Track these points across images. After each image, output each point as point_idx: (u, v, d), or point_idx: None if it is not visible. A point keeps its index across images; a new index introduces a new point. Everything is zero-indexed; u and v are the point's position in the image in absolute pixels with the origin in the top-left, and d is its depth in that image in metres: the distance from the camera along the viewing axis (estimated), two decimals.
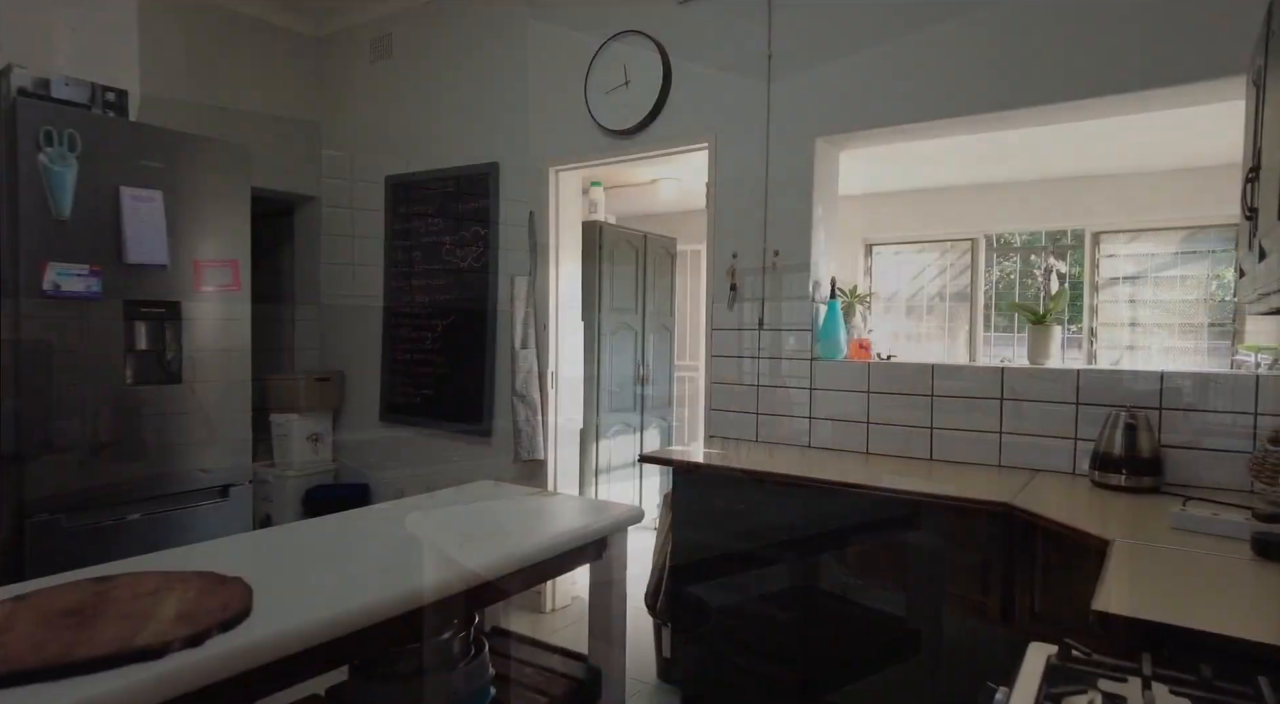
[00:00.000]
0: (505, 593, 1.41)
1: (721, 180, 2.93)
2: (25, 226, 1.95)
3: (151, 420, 2.23)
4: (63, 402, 2.04)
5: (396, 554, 1.34)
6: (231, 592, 1.10)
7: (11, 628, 0.96)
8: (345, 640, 1.11)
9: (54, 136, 1.98)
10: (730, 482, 2.35)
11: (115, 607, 1.04)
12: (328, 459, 4.12)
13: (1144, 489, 1.99)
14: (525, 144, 3.47)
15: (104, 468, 2.13)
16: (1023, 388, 2.33)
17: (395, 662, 1.41)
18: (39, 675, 0.86)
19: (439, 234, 3.75)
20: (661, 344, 4.85)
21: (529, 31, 3.46)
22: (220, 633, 0.98)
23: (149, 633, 0.95)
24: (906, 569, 2.03)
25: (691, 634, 2.44)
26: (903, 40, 2.51)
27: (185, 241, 2.27)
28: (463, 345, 3.68)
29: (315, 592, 1.14)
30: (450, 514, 1.64)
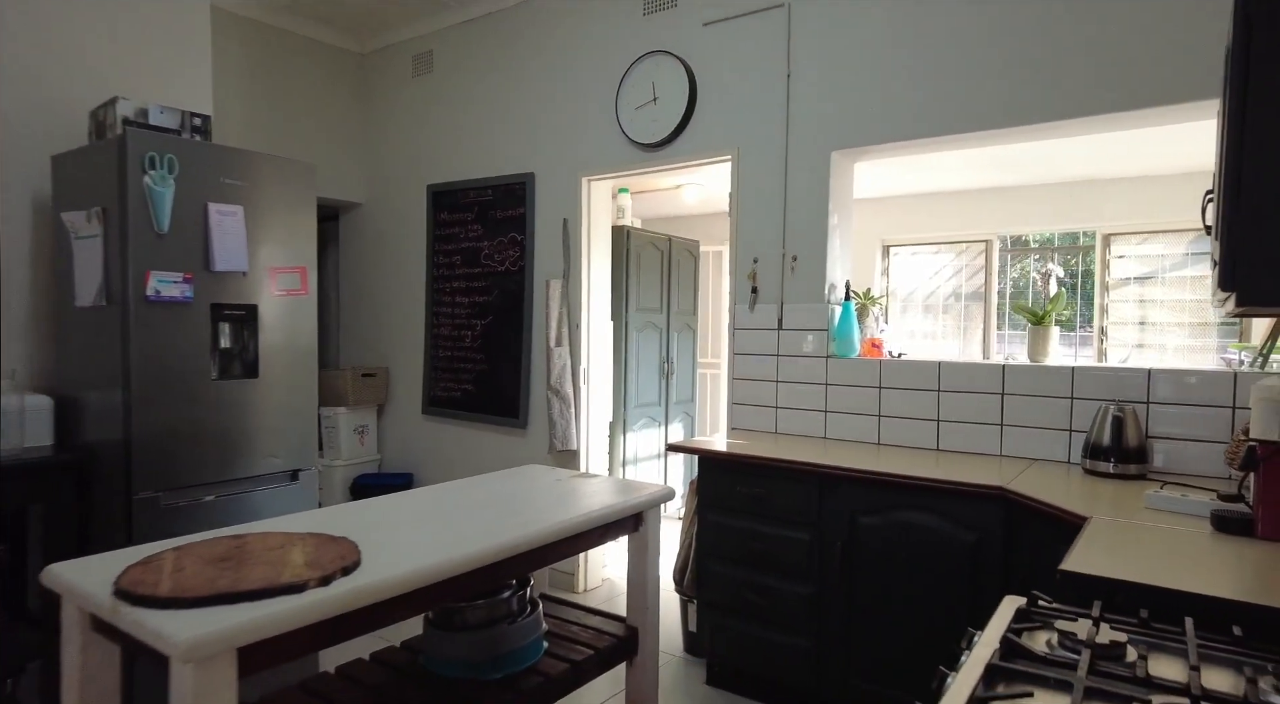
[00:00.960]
0: (559, 557, 1.65)
1: (743, 190, 3.15)
2: (132, 241, 2.23)
3: (232, 411, 2.49)
4: (161, 394, 2.31)
5: (466, 522, 1.58)
6: (344, 547, 1.35)
7: (182, 568, 1.21)
8: (430, 589, 1.35)
9: (156, 161, 2.25)
10: (751, 469, 2.57)
11: (254, 556, 1.29)
12: (373, 450, 4.40)
13: (1130, 476, 2.18)
14: (559, 155, 3.71)
15: (193, 452, 2.40)
16: (1022, 384, 2.52)
17: (463, 614, 1.65)
18: (215, 601, 1.11)
19: (478, 239, 4.00)
20: (684, 342, 5.07)
21: (563, 50, 3.69)
22: (342, 577, 1.23)
23: (289, 574, 1.20)
24: (911, 548, 2.24)
25: (715, 609, 2.66)
26: (912, 61, 2.71)
27: (261, 250, 2.53)
28: (500, 343, 3.93)
29: (405, 550, 1.38)
30: (509, 489, 1.88)
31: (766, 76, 3.05)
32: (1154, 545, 1.52)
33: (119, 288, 2.26)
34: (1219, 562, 1.42)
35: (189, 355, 2.37)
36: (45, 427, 2.44)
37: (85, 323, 2.42)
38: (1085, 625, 1.16)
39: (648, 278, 4.63)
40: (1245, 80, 1.20)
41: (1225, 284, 1.22)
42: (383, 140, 4.51)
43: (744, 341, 3.16)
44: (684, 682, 2.80)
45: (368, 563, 1.30)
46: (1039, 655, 1.05)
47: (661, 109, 3.30)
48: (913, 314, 5.87)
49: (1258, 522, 1.55)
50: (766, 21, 3.04)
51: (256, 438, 2.56)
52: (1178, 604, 1.25)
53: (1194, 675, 0.96)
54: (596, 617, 1.97)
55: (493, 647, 1.63)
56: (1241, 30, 1.20)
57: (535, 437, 3.83)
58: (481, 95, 4.03)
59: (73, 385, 2.52)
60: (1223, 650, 1.07)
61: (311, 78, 4.31)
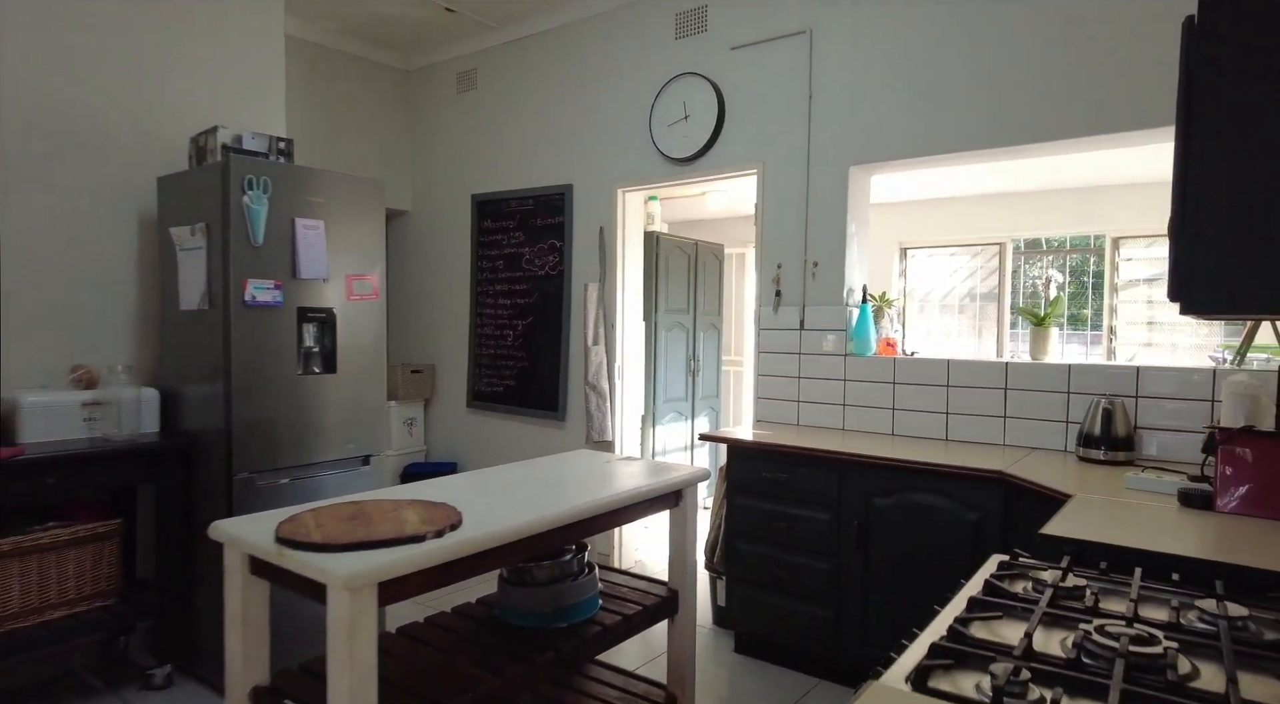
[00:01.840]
0: (614, 524, 1.94)
1: (768, 201, 3.42)
2: (233, 252, 2.55)
3: (313, 403, 2.81)
4: (255, 387, 2.63)
5: (537, 494, 1.87)
6: (446, 510, 1.64)
7: (322, 524, 1.52)
8: (515, 545, 1.64)
9: (254, 182, 2.57)
10: (777, 457, 2.85)
11: (376, 516, 1.59)
12: (420, 441, 4.73)
13: (1119, 462, 2.43)
14: (596, 168, 4.00)
15: (281, 439, 2.72)
16: (1023, 379, 2.77)
17: (533, 573, 1.95)
18: (357, 547, 1.41)
19: (520, 245, 4.31)
20: (710, 340, 5.35)
21: (600, 71, 3.98)
22: (450, 532, 1.52)
23: (410, 528, 1.49)
24: (920, 527, 2.50)
25: (743, 583, 2.94)
26: (923, 85, 2.97)
27: (339, 259, 2.85)
28: (541, 342, 4.24)
29: (493, 514, 1.67)
30: (567, 469, 2.17)
31: (790, 96, 3.32)
32: (1124, 517, 1.78)
33: (220, 293, 2.59)
34: (1175, 528, 1.68)
35: (278, 353, 2.69)
36: (153, 416, 2.78)
37: (188, 324, 2.75)
38: (1054, 574, 1.42)
39: (675, 280, 4.91)
40: (1188, 122, 1.45)
41: (1171, 295, 1.47)
42: (429, 152, 4.83)
43: (768, 341, 3.44)
44: (714, 651, 3.08)
45: (467, 523, 1.60)
46: (1012, 593, 1.32)
47: (692, 126, 3.58)
48: (929, 314, 6.10)
49: (1216, 497, 1.80)
50: (790, 46, 3.30)
51: (333, 427, 2.87)
52: (1132, 559, 1.51)
53: (1132, 606, 1.23)
54: (642, 581, 2.25)
55: (557, 600, 1.92)
56: (1184, 82, 1.46)
57: (573, 428, 4.12)
58: (523, 111, 4.33)
59: (174, 379, 2.85)
60: (1162, 592, 1.33)
61: (363, 94, 4.64)
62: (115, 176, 2.92)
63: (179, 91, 3.09)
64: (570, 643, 1.84)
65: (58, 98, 2.78)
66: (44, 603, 2.43)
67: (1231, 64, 1.38)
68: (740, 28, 3.45)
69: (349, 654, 1.33)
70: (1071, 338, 5.67)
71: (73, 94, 2.81)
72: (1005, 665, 0.99)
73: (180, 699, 2.63)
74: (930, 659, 1.04)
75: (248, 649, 1.60)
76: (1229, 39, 1.38)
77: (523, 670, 1.69)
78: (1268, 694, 0.97)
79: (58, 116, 2.78)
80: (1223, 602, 1.25)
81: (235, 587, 1.58)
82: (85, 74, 2.84)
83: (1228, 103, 1.39)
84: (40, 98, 2.74)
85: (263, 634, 1.62)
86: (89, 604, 2.54)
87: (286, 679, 1.64)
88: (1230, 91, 1.39)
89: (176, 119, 3.08)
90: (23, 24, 2.69)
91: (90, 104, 2.85)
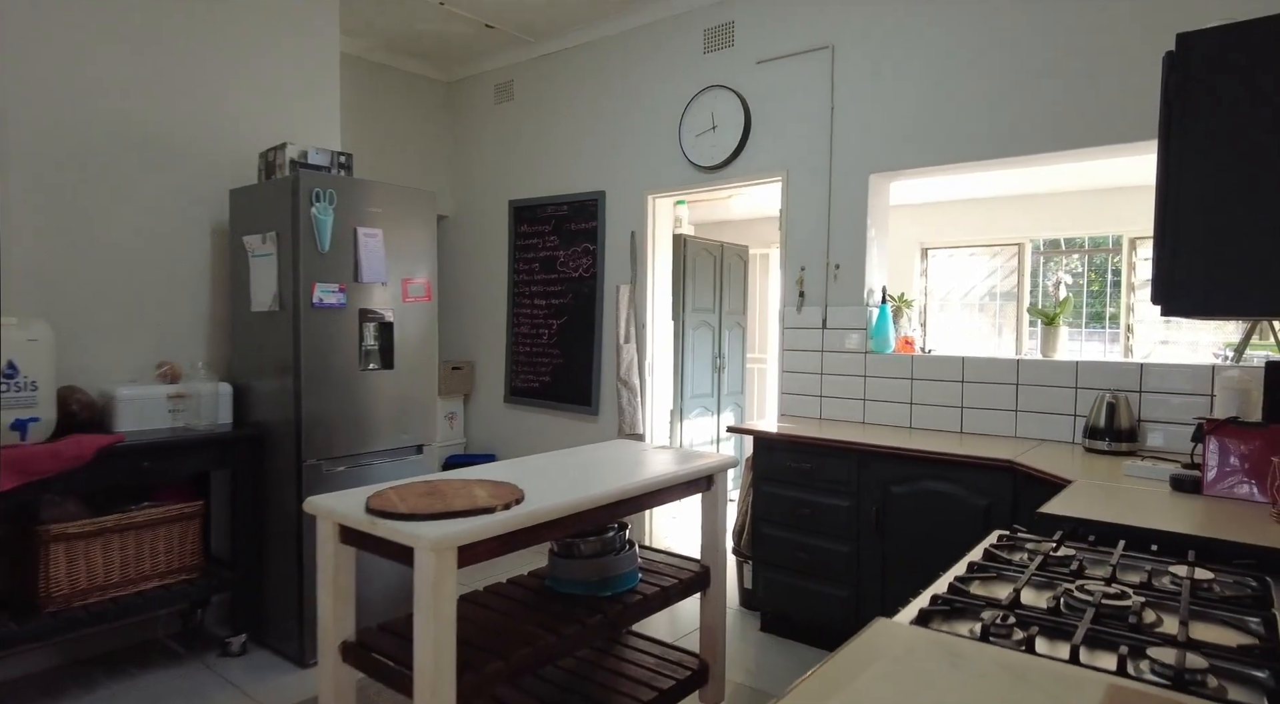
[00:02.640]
0: (654, 504, 2.15)
1: (792, 207, 3.61)
2: (302, 259, 2.80)
3: (372, 396, 3.06)
4: (322, 382, 2.88)
5: (585, 475, 2.09)
6: (510, 488, 1.87)
7: (405, 498, 1.75)
8: (571, 518, 1.86)
9: (320, 194, 2.82)
10: (800, 448, 3.05)
11: (449, 493, 1.82)
12: (460, 434, 4.98)
13: (1122, 453, 2.60)
14: (628, 176, 4.22)
15: (344, 429, 2.97)
16: (1034, 375, 2.94)
17: (580, 547, 2.17)
18: (438, 517, 1.64)
19: (555, 249, 4.54)
20: (735, 338, 5.54)
21: (632, 83, 4.20)
22: (516, 506, 1.75)
23: (482, 502, 1.72)
24: (933, 512, 2.69)
25: (768, 565, 3.15)
26: (939, 97, 3.14)
27: (396, 265, 3.09)
28: (574, 340, 4.46)
29: (550, 492, 1.89)
30: (609, 455, 2.39)
31: (813, 108, 3.51)
32: (1118, 499, 1.96)
33: (290, 296, 2.84)
34: (1162, 509, 1.86)
35: (342, 351, 2.94)
36: (227, 408, 3.04)
37: (259, 324, 3.01)
38: (1047, 546, 1.62)
39: (702, 281, 5.11)
40: (1168, 145, 1.64)
41: (1154, 298, 1.65)
42: (468, 160, 5.09)
43: (792, 339, 3.63)
44: (741, 630, 3.29)
45: (528, 499, 1.82)
46: (1008, 560, 1.52)
47: (720, 136, 3.78)
48: (950, 313, 6.24)
49: (1203, 482, 1.97)
50: (813, 61, 3.49)
51: (390, 418, 3.12)
52: (1117, 533, 1.70)
53: (1111, 570, 1.42)
54: (676, 558, 2.47)
55: (602, 571, 2.15)
56: (1164, 109, 1.64)
57: (605, 422, 4.35)
58: (558, 121, 4.56)
59: (244, 375, 3.12)
60: (1141, 560, 1.52)
61: (406, 106, 4.90)
62: (191, 190, 3.19)
63: (245, 110, 3.36)
64: (615, 608, 2.06)
65: (140, 120, 3.05)
66: (139, 574, 2.71)
67: (1203, 94, 1.56)
68: (766, 43, 3.64)
69: (433, 608, 1.56)
70: (1092, 336, 5.78)
71: (153, 115, 3.09)
72: (994, 613, 1.20)
73: (256, 665, 2.89)
74: (931, 607, 1.24)
75: (337, 609, 1.84)
76: (1201, 72, 1.56)
77: (575, 630, 1.92)
78: (1214, 636, 1.16)
79: (141, 137, 3.05)
80: (1193, 567, 1.44)
81: (327, 554, 1.82)
82: (162, 97, 3.11)
83: (1201, 129, 1.57)
84: (127, 120, 3.01)
85: (350, 596, 1.86)
86: (176, 577, 2.81)
87: (369, 636, 1.88)
88: (1203, 119, 1.56)
89: (243, 135, 3.35)
90: (112, 55, 2.97)
91: (167, 124, 3.13)
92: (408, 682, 1.65)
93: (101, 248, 2.96)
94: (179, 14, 3.14)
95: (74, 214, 2.89)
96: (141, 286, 3.07)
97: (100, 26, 2.93)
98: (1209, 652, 1.07)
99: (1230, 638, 1.15)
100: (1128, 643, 1.09)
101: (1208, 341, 5.14)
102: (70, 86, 2.87)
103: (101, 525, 2.61)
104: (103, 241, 2.96)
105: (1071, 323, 5.65)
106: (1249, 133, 1.52)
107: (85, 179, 2.92)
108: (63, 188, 2.86)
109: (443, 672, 1.58)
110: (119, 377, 2.98)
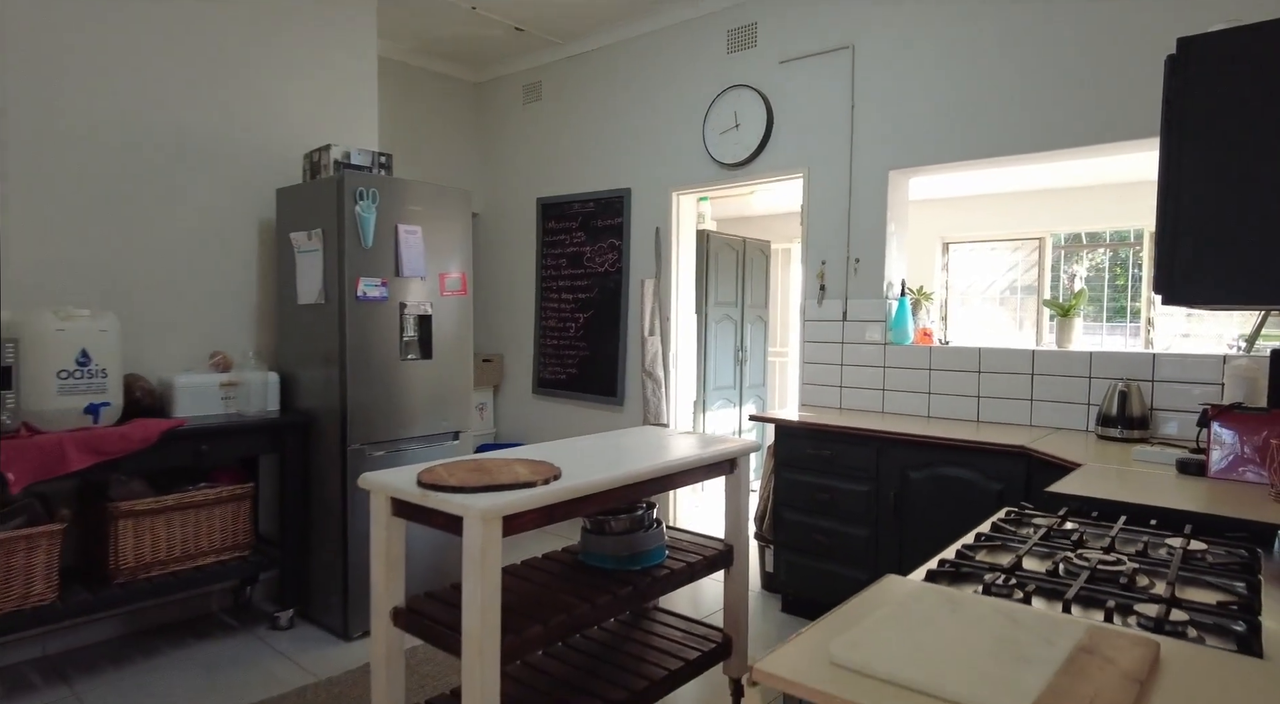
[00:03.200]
0: (682, 484, 2.28)
1: (813, 203, 3.71)
2: (347, 255, 2.97)
3: (413, 385, 3.22)
4: (366, 371, 3.05)
5: (617, 456, 2.22)
6: (548, 465, 2.01)
7: (453, 474, 1.90)
8: (604, 494, 2.00)
9: (364, 193, 2.98)
10: (821, 435, 3.16)
11: (492, 469, 1.97)
12: (490, 424, 5.15)
13: (1134, 440, 2.68)
14: (653, 173, 4.35)
15: (386, 415, 3.13)
16: (1049, 366, 3.03)
17: (611, 523, 2.31)
18: (486, 489, 1.78)
19: (581, 245, 4.68)
20: (757, 332, 5.65)
21: (657, 83, 4.32)
22: (555, 481, 1.89)
23: (524, 477, 1.86)
24: (949, 496, 2.79)
25: (789, 549, 3.26)
26: (956, 96, 3.23)
27: (434, 260, 3.25)
28: (600, 333, 4.60)
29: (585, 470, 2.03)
30: (638, 440, 2.52)
31: (833, 106, 3.61)
32: (1124, 481, 2.05)
33: (335, 290, 3.01)
34: (1165, 489, 1.95)
35: (384, 342, 3.10)
36: (275, 395, 3.22)
37: (305, 317, 3.18)
38: (1051, 521, 1.72)
39: (724, 275, 5.22)
40: (1168, 146, 1.73)
41: (1155, 288, 1.75)
42: (497, 159, 5.24)
43: (813, 331, 3.74)
44: (764, 611, 3.41)
45: (565, 476, 1.96)
46: (1013, 533, 1.63)
47: (742, 134, 3.89)
48: (971, 306, 6.29)
49: (1208, 465, 2.06)
50: (834, 60, 3.59)
51: (429, 406, 3.28)
52: (1119, 510, 1.80)
53: (1111, 541, 1.52)
54: (701, 537, 2.60)
55: (632, 547, 2.28)
56: (1165, 110, 1.73)
57: (630, 412, 4.48)
58: (584, 120, 4.69)
59: (290, 364, 3.29)
60: (1139, 533, 1.62)
61: (437, 106, 5.06)
62: (239, 190, 3.38)
63: (289, 113, 3.53)
64: (644, 581, 2.20)
65: (193, 125, 3.24)
66: (197, 550, 2.90)
67: (1202, 95, 1.66)
68: (788, 43, 3.74)
69: (481, 573, 1.71)
70: (1115, 330, 5.81)
71: (203, 121, 3.27)
72: (995, 575, 1.31)
73: (303, 637, 3.07)
74: (938, 569, 1.36)
75: (389, 577, 2.00)
76: (1200, 74, 1.66)
77: (607, 600, 2.06)
78: (1199, 596, 1.26)
79: (193, 141, 3.24)
80: (1188, 540, 1.54)
81: (380, 525, 1.97)
82: (213, 103, 3.29)
83: (1199, 129, 1.66)
84: (180, 127, 3.20)
85: (400, 566, 2.01)
86: (229, 554, 3.00)
87: (418, 602, 2.03)
88: (1201, 119, 1.66)
89: (287, 137, 3.52)
90: (168, 68, 3.15)
91: (219, 128, 3.31)
92: (456, 642, 1.79)
93: (159, 245, 3.15)
94: (228, 25, 3.32)
95: (135, 215, 3.08)
96: (195, 281, 3.26)
97: (158, 43, 3.12)
98: (1191, 607, 1.18)
99: (1216, 599, 1.25)
100: (1117, 600, 1.20)
101: (1233, 335, 5.16)
102: (133, 98, 3.06)
103: (164, 504, 2.80)
104: (160, 239, 3.15)
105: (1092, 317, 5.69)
106: (1245, 132, 1.62)
107: (145, 183, 3.11)
108: (125, 192, 3.05)
109: (489, 632, 1.73)
110: (175, 366, 3.17)
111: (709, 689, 2.73)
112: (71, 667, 2.78)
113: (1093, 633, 0.99)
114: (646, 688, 2.18)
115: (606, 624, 2.61)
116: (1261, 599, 1.25)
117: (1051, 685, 0.83)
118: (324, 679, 2.71)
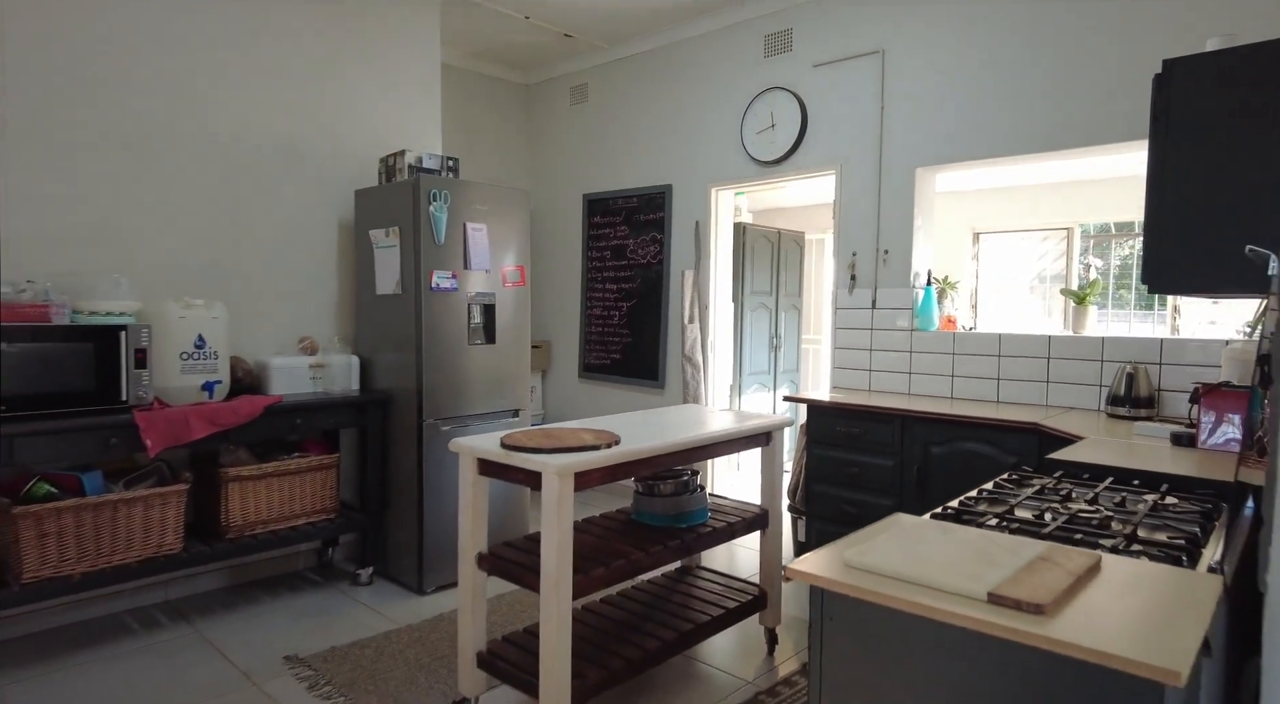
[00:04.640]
0: (723, 453, 2.59)
1: (844, 198, 3.97)
2: (422, 250, 3.32)
3: (478, 367, 3.57)
4: (438, 354, 3.41)
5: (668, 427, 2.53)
6: (609, 433, 2.33)
7: (531, 438, 2.23)
8: (657, 458, 2.31)
9: (436, 194, 3.33)
10: (850, 414, 3.43)
11: (563, 436, 2.29)
12: (539, 406, 5.50)
13: (1139, 418, 2.91)
14: (693, 170, 4.63)
15: (456, 394, 3.49)
16: (1064, 350, 3.26)
17: (660, 486, 2.62)
18: (558, 451, 2.11)
19: (625, 238, 4.99)
20: (790, 320, 5.90)
21: (698, 85, 4.59)
22: (616, 445, 2.21)
23: (590, 442, 2.18)
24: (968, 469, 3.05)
25: (819, 519, 3.55)
26: (980, 96, 3.45)
27: (497, 254, 3.59)
28: (642, 321, 4.91)
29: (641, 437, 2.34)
30: (683, 415, 2.83)
31: (864, 107, 3.85)
32: (1120, 451, 2.30)
33: (411, 282, 3.36)
34: (1156, 458, 2.20)
35: (454, 328, 3.45)
36: (355, 376, 3.60)
37: (383, 306, 3.54)
38: (1047, 481, 1.99)
39: (760, 266, 5.49)
40: (1154, 156, 1.97)
41: (1142, 278, 1.99)
42: (545, 157, 5.57)
43: (844, 318, 4.00)
44: None
45: (624, 441, 2.28)
46: (1012, 491, 1.90)
47: (778, 133, 4.15)
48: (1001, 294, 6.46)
49: (1198, 437, 2.30)
50: (865, 64, 3.83)
51: (492, 385, 3.63)
52: (1106, 473, 2.05)
53: (1095, 496, 1.79)
54: (740, 502, 2.91)
55: (679, 507, 2.60)
56: (1153, 121, 1.97)
57: (670, 395, 4.79)
58: (628, 121, 4.99)
59: (368, 348, 3.66)
60: (1122, 490, 1.89)
61: (490, 107, 5.40)
62: (321, 191, 3.75)
63: (362, 119, 3.89)
64: (690, 536, 2.51)
65: (281, 133, 3.61)
66: (291, 513, 3.29)
67: (1184, 109, 1.90)
68: (822, 48, 3.99)
69: (557, 519, 2.04)
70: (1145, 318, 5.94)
71: (289, 128, 3.64)
72: (990, 519, 1.60)
73: (382, 592, 3.45)
74: (941, 512, 1.65)
75: (475, 527, 2.34)
76: (1183, 91, 1.90)
77: (659, 550, 2.38)
78: (1161, 538, 1.53)
79: (281, 147, 3.61)
80: (1163, 496, 1.80)
81: (468, 483, 2.31)
82: (294, 110, 3.66)
83: (1182, 139, 1.90)
84: (271, 134, 3.58)
85: (484, 517, 2.36)
86: (318, 517, 3.39)
87: (498, 548, 2.37)
88: (1184, 130, 1.90)
89: (362, 142, 3.89)
90: (258, 81, 3.53)
91: (304, 135, 3.68)
92: (534, 580, 2.13)
93: (255, 242, 3.54)
94: (309, 37, 3.68)
95: (234, 216, 3.47)
96: (284, 273, 3.64)
97: (250, 60, 3.49)
98: (1147, 542, 1.45)
99: (1170, 537, 1.52)
100: (1085, 536, 1.48)
101: None
102: (230, 111, 3.44)
103: (264, 470, 3.20)
104: (256, 237, 3.54)
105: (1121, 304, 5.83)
106: (1221, 142, 1.85)
107: (242, 186, 3.49)
108: (225, 195, 3.44)
109: (563, 570, 2.06)
110: (268, 349, 3.57)
111: (747, 637, 3.03)
112: (190, 609, 3.20)
113: (1052, 549, 1.27)
114: (691, 630, 2.51)
115: (656, 579, 2.94)
116: (1210, 539, 1.51)
117: (1009, 578, 1.13)
118: (404, 626, 3.08)
